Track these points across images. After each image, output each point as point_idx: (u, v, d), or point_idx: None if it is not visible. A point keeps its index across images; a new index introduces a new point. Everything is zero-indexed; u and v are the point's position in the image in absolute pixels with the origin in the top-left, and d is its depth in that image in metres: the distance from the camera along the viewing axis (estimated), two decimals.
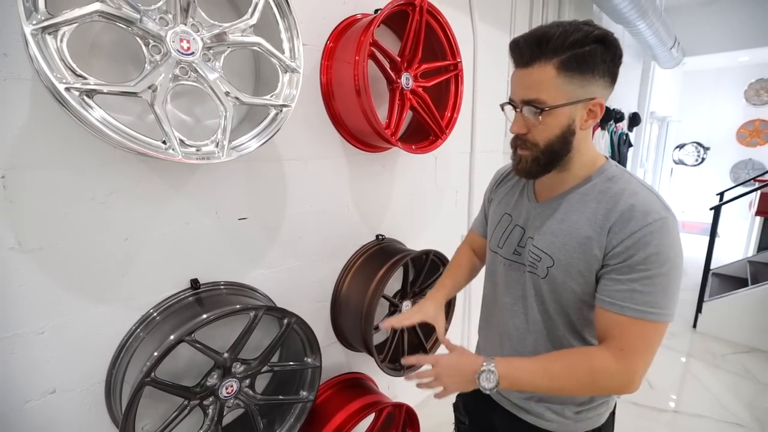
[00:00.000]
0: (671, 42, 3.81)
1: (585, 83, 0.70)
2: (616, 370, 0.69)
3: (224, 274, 1.30)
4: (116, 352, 1.09)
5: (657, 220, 0.67)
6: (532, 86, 0.71)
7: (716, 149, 6.06)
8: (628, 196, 0.71)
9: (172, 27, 0.92)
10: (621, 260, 0.68)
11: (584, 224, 0.74)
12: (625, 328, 0.69)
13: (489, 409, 0.97)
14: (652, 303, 0.67)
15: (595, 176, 0.77)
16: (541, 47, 0.69)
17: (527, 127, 0.75)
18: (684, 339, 2.99)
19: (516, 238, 0.87)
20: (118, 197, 1.05)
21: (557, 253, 0.76)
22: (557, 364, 0.72)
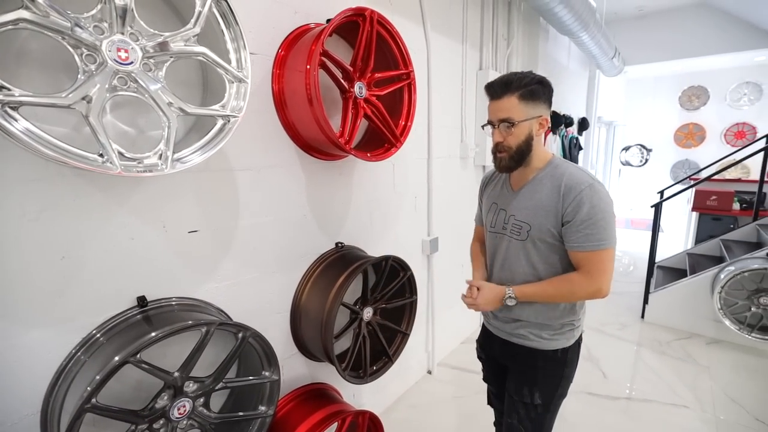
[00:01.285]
0: (612, 52, 4.09)
1: (535, 106, 1.10)
2: (587, 284, 1.08)
3: (174, 290, 1.25)
4: (53, 379, 1.02)
5: (585, 187, 1.05)
6: (504, 110, 1.10)
7: (657, 151, 6.54)
8: (567, 176, 1.09)
9: (109, 36, 0.88)
10: (572, 217, 1.06)
11: (545, 198, 1.12)
12: (588, 259, 1.07)
13: (492, 342, 1.35)
14: (600, 237, 1.04)
15: (546, 167, 1.16)
16: (508, 86, 1.08)
17: (503, 136, 1.12)
18: (634, 329, 3.18)
19: (501, 218, 1.24)
20: (53, 214, 0.99)
21: (532, 220, 1.14)
22: (550, 285, 1.13)
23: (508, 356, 1.29)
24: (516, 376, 1.25)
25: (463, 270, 2.89)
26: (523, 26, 3.16)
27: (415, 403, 2.32)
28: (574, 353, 1.23)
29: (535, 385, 1.21)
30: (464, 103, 2.60)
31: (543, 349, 1.20)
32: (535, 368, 1.21)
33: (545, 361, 1.20)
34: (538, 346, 1.20)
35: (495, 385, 1.46)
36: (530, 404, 1.21)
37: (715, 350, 2.84)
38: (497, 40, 2.84)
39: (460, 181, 2.72)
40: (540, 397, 1.20)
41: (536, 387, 1.21)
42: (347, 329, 1.63)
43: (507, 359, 1.30)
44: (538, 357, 1.21)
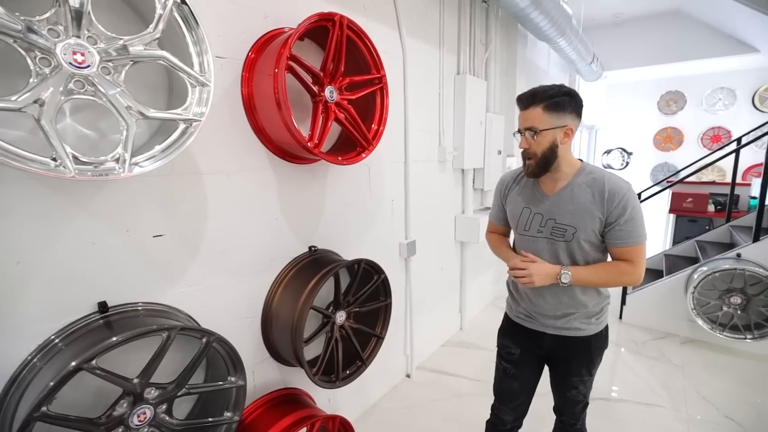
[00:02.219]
0: (590, 57, 4.17)
1: (560, 117, 1.18)
2: (633, 271, 1.22)
3: (139, 295, 1.23)
4: (6, 387, 1.00)
5: (626, 192, 1.19)
6: (529, 120, 1.20)
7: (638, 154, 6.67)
8: (608, 182, 1.21)
9: (64, 39, 0.88)
10: (615, 218, 1.18)
11: (588, 203, 1.21)
12: (630, 252, 1.21)
13: (538, 338, 1.40)
14: (639, 234, 1.20)
15: (581, 173, 1.25)
16: (534, 98, 1.18)
17: (529, 143, 1.22)
18: (612, 329, 3.21)
19: (537, 221, 1.31)
20: (7, 219, 0.97)
21: (578, 223, 1.23)
22: (601, 269, 1.24)
23: (559, 349, 1.37)
24: (574, 364, 1.37)
25: (442, 273, 2.91)
26: (501, 32, 3.21)
27: (393, 407, 2.32)
28: (608, 328, 1.41)
29: (592, 363, 1.36)
30: (442, 108, 2.62)
31: (594, 333, 1.34)
32: (590, 352, 1.35)
33: (597, 341, 1.35)
34: (590, 332, 1.33)
35: (521, 380, 1.47)
36: (587, 379, 1.37)
37: (688, 349, 2.91)
38: (475, 45, 2.88)
39: (440, 184, 2.75)
40: (594, 370, 1.38)
41: (593, 365, 1.37)
42: (319, 333, 1.62)
43: (558, 351, 1.38)
44: (592, 341, 1.34)
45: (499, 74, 3.25)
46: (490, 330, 3.24)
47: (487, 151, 3.12)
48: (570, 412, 1.46)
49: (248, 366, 1.58)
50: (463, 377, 2.56)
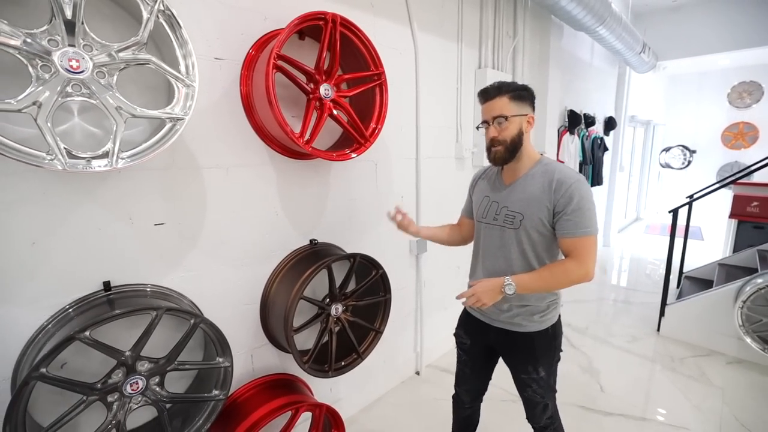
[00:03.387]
0: (639, 47, 3.84)
1: (522, 107, 1.27)
2: (578, 268, 1.20)
3: (140, 277, 1.36)
4: (23, 349, 1.16)
5: (574, 181, 1.21)
6: (497, 108, 1.26)
7: (702, 152, 6.03)
8: (557, 172, 1.24)
9: (61, 48, 0.99)
10: (562, 208, 1.21)
11: (537, 191, 1.26)
12: (576, 244, 1.21)
13: (486, 330, 1.45)
14: (586, 224, 1.20)
15: (536, 165, 1.31)
16: (500, 89, 1.26)
17: (498, 131, 1.27)
18: (647, 343, 2.99)
19: (494, 209, 1.37)
20: (23, 205, 1.12)
21: (525, 210, 1.28)
22: (546, 271, 1.24)
23: (504, 342, 1.42)
24: (518, 360, 1.41)
25: (458, 272, 2.86)
26: (531, 23, 3.06)
27: (398, 402, 2.33)
28: (559, 325, 1.43)
29: (537, 362, 1.37)
30: (460, 103, 2.57)
31: (538, 330, 1.35)
32: (533, 348, 1.36)
33: (540, 339, 1.36)
34: (533, 328, 1.35)
35: (472, 367, 1.56)
36: (537, 377, 1.38)
37: (733, 371, 2.61)
38: (500, 37, 2.77)
39: (457, 181, 2.69)
40: (543, 369, 1.38)
41: (538, 363, 1.37)
42: (311, 323, 1.68)
43: (502, 345, 1.43)
44: (535, 338, 1.36)
45: (527, 67, 3.10)
46: None
47: None
48: (530, 415, 1.48)
49: (247, 349, 1.70)
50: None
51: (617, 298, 3.95)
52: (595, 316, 3.52)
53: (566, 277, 1.21)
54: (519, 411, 2.22)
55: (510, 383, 1.49)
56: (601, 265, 5.02)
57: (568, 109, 3.89)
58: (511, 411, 2.24)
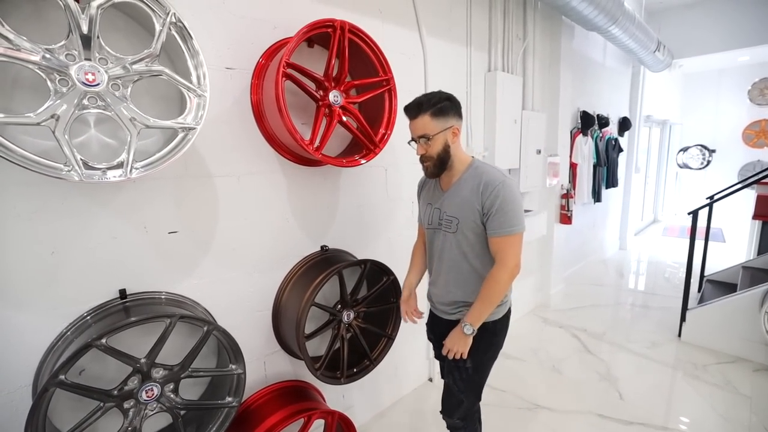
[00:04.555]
0: (653, 45, 3.77)
1: (446, 120, 1.32)
2: (501, 271, 1.30)
3: (155, 285, 1.38)
4: (43, 356, 1.18)
5: (498, 184, 1.27)
6: (420, 128, 1.32)
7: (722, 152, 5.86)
8: (485, 175, 1.31)
9: (78, 62, 1.02)
10: (488, 209, 1.28)
11: (468, 194, 1.33)
12: (501, 243, 1.29)
13: (439, 323, 1.53)
14: (510, 224, 1.27)
15: (468, 169, 1.37)
16: (420, 107, 1.31)
17: (425, 149, 1.34)
18: (667, 349, 2.90)
19: (436, 215, 1.44)
20: (44, 215, 1.15)
21: (459, 213, 1.35)
22: (484, 293, 1.32)
23: (447, 331, 1.45)
24: None
25: None
26: (540, 24, 3.03)
27: (411, 409, 2.31)
28: (503, 324, 1.46)
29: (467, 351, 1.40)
30: (470, 107, 2.55)
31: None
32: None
33: (479, 332, 1.38)
34: None
35: (441, 359, 1.62)
36: (462, 368, 1.42)
37: (762, 378, 2.51)
38: (510, 40, 2.76)
39: None
40: (470, 361, 1.41)
41: (467, 352, 1.39)
42: (323, 330, 1.68)
43: (446, 334, 1.45)
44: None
45: (538, 69, 3.07)
46: (525, 339, 3.09)
47: (523, 151, 2.97)
48: (445, 405, 1.53)
49: (259, 356, 1.70)
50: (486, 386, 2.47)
51: (635, 303, 3.85)
52: (612, 321, 3.44)
53: (498, 285, 1.30)
54: (535, 418, 2.18)
55: (525, 388, 1.47)
56: (617, 268, 4.91)
57: (580, 110, 3.83)
58: (526, 418, 2.19)
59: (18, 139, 1.08)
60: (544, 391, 2.41)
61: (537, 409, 2.26)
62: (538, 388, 2.43)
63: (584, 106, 3.89)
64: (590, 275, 4.57)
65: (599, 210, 4.76)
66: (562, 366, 2.71)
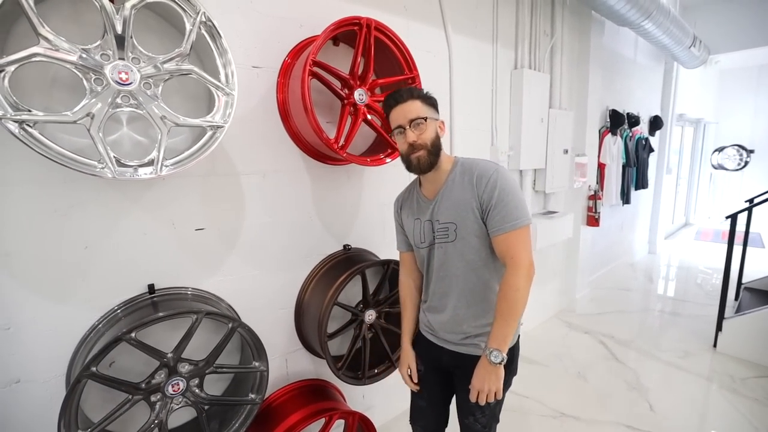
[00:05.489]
0: (689, 40, 3.60)
1: (433, 111, 1.20)
2: (516, 275, 1.10)
3: (182, 281, 1.40)
4: (77, 347, 1.22)
5: (493, 172, 1.13)
6: (413, 111, 1.16)
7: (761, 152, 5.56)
8: (475, 168, 1.17)
9: (112, 61, 1.04)
10: (488, 201, 1.12)
11: (462, 193, 1.17)
12: (508, 241, 1.11)
13: (438, 354, 1.31)
14: (515, 216, 1.10)
15: (454, 168, 1.22)
16: (412, 92, 1.18)
17: (417, 135, 1.16)
18: (702, 359, 2.76)
19: (428, 229, 1.25)
20: (79, 210, 1.18)
21: (456, 218, 1.17)
22: (503, 306, 1.11)
23: (456, 365, 1.29)
24: (467, 382, 1.23)
25: None
26: (569, 20, 2.94)
27: None
28: (516, 348, 1.28)
29: None
30: (495, 105, 2.50)
31: None
32: None
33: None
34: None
35: (427, 399, 1.39)
36: (486, 405, 1.23)
37: None
38: (537, 37, 2.68)
39: None
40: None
41: None
42: (345, 329, 1.67)
43: (456, 368, 1.31)
44: None
45: (566, 66, 2.98)
46: (547, 344, 3.01)
47: (550, 150, 2.89)
48: None
49: (281, 353, 1.71)
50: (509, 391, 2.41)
51: (664, 309, 3.70)
52: (640, 327, 3.31)
53: (519, 294, 1.10)
54: (560, 427, 2.11)
55: (549, 395, 1.40)
56: (646, 273, 4.73)
57: (609, 108, 3.71)
58: (550, 426, 2.13)
59: (55, 136, 1.12)
60: (569, 399, 2.33)
61: (562, 418, 2.19)
62: (563, 396, 2.36)
63: (613, 104, 3.76)
64: (617, 279, 4.42)
65: (628, 212, 4.59)
66: (588, 373, 2.62)
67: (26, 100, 0.97)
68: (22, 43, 1.01)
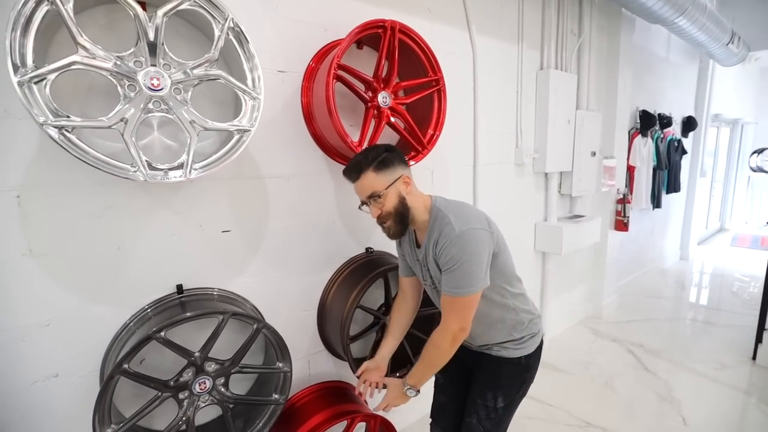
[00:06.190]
0: (727, 37, 3.43)
1: (392, 171, 1.17)
2: (440, 334, 1.16)
3: (209, 281, 1.43)
4: (110, 344, 1.26)
5: (452, 238, 1.10)
6: (366, 188, 1.17)
7: None
8: (444, 226, 1.13)
9: (144, 68, 1.08)
10: (442, 265, 1.13)
11: (431, 250, 1.18)
12: (446, 303, 1.15)
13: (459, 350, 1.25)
14: (455, 285, 1.10)
15: (431, 219, 1.20)
16: (360, 167, 1.16)
17: (379, 209, 1.18)
18: (740, 372, 2.62)
19: (426, 272, 1.27)
20: (113, 212, 1.23)
21: (435, 273, 1.20)
22: (424, 355, 1.21)
23: (474, 361, 1.35)
24: (480, 381, 1.32)
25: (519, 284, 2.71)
26: (597, 19, 2.85)
27: None
28: (535, 359, 1.31)
29: (499, 389, 1.28)
30: (520, 107, 2.45)
31: (509, 357, 1.27)
32: (499, 374, 1.28)
33: (510, 367, 1.28)
34: (505, 354, 1.27)
35: (448, 393, 1.45)
36: (492, 407, 1.28)
37: None
38: (564, 36, 2.62)
39: (516, 188, 2.57)
40: (502, 401, 1.28)
41: (499, 391, 1.28)
42: (367, 332, 1.67)
43: (473, 363, 1.36)
44: (504, 364, 1.28)
45: (594, 66, 2.90)
46: (573, 351, 2.92)
47: (576, 153, 2.81)
48: None
49: (304, 355, 1.72)
50: (533, 398, 2.35)
51: (696, 318, 3.53)
52: (672, 336, 3.17)
53: (438, 351, 1.17)
54: None
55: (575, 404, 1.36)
56: (678, 280, 4.53)
57: (640, 109, 3.57)
58: None
59: (91, 141, 1.16)
60: (596, 409, 2.26)
61: (588, 428, 2.12)
62: (590, 405, 2.28)
63: (644, 104, 3.62)
64: (647, 286, 4.25)
65: (658, 216, 4.42)
66: (616, 383, 2.52)
67: (65, 107, 1.01)
68: (62, 52, 1.06)
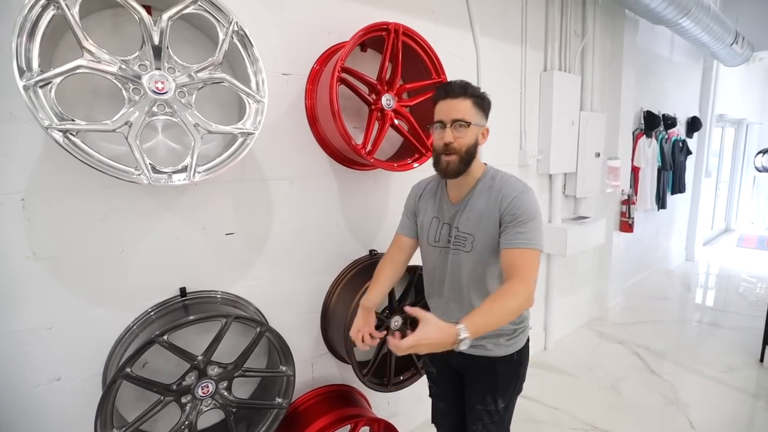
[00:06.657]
0: (730, 37, 3.41)
1: (481, 116, 1.15)
2: (521, 285, 1.02)
3: (212, 284, 1.43)
4: (113, 348, 1.26)
5: (519, 193, 1.10)
6: (460, 111, 1.11)
7: None
8: (504, 185, 1.13)
9: (149, 71, 1.08)
10: (508, 221, 1.09)
11: (485, 207, 1.14)
12: (516, 257, 1.06)
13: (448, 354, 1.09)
14: (528, 237, 1.06)
15: (483, 178, 1.19)
16: (466, 89, 1.12)
17: (455, 137, 1.11)
18: (747, 374, 2.59)
19: (445, 232, 1.23)
20: (116, 215, 1.23)
21: (475, 230, 1.15)
22: (495, 303, 1.00)
23: (465, 366, 1.30)
24: (477, 386, 1.28)
25: None
26: (601, 20, 2.84)
27: None
28: (526, 353, 1.30)
29: (497, 391, 1.25)
30: (524, 108, 2.44)
31: (502, 355, 1.23)
32: (495, 375, 1.25)
33: (504, 366, 1.24)
34: (498, 353, 1.23)
35: (446, 401, 1.40)
36: (494, 410, 1.25)
37: None
38: (568, 37, 2.61)
39: None
40: (502, 401, 1.25)
41: (498, 393, 1.25)
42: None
43: (465, 369, 1.31)
44: (498, 364, 1.24)
45: (598, 67, 2.89)
46: (579, 353, 2.90)
47: (581, 154, 2.79)
48: None
49: (308, 358, 1.71)
50: (538, 402, 2.33)
51: (702, 320, 3.50)
52: (678, 338, 3.14)
53: (516, 301, 0.99)
54: None
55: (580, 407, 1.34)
56: (683, 281, 4.50)
57: (644, 110, 3.56)
58: None
59: (95, 144, 1.16)
60: (602, 412, 2.24)
61: (594, 431, 2.10)
62: (595, 408, 2.26)
63: (648, 105, 3.60)
64: (652, 287, 4.22)
65: (663, 217, 4.39)
66: (622, 385, 2.50)
67: (69, 110, 1.01)
68: (67, 55, 1.06)
